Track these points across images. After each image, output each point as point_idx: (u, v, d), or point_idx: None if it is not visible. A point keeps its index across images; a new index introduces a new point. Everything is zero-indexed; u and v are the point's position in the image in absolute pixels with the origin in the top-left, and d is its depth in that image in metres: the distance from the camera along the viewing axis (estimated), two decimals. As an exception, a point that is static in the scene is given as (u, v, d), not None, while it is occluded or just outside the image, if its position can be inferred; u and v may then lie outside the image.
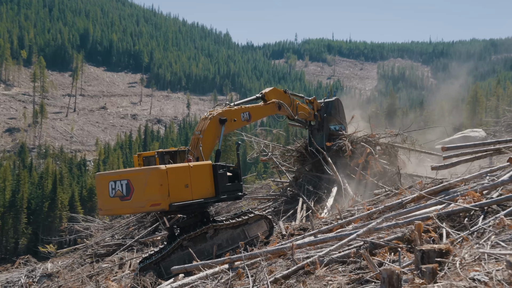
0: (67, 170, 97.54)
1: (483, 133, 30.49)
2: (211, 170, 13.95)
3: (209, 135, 14.94)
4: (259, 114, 17.52)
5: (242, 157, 69.98)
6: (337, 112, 21.02)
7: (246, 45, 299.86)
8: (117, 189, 13.48)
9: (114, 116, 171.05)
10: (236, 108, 16.20)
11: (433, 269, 6.73)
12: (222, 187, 14.04)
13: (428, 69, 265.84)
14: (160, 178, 12.99)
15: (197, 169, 13.67)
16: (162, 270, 13.55)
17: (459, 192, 10.54)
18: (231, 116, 15.78)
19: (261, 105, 17.69)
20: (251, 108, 16.84)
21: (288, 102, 18.70)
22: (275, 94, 18.44)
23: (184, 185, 13.32)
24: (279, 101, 18.15)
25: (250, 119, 16.62)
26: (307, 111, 19.98)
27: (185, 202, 13.42)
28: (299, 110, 19.35)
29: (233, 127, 16.34)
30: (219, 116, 15.28)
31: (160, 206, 13.18)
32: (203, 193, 13.74)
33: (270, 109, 18.03)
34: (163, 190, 12.95)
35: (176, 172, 13.32)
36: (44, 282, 18.66)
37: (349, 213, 14.09)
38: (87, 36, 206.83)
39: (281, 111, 18.41)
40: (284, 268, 9.52)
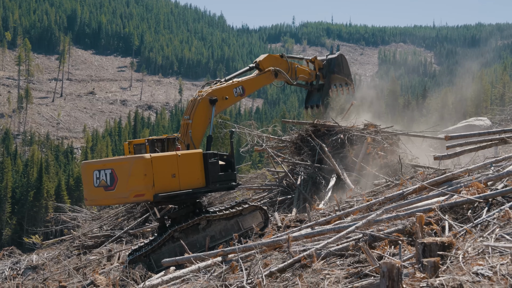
0: (53, 158, 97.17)
1: (488, 122, 30.42)
2: (202, 159, 13.69)
3: (199, 119, 14.62)
4: (254, 86, 17.08)
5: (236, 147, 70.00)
6: (340, 69, 20.19)
7: (241, 28, 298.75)
8: (101, 178, 13.30)
9: (102, 102, 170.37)
10: (227, 85, 15.75)
11: (435, 263, 6.64)
12: (213, 177, 13.79)
13: (431, 54, 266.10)
14: (144, 168, 12.76)
15: (185, 158, 13.42)
16: (153, 262, 13.40)
17: (462, 183, 10.45)
18: (222, 94, 15.36)
19: (255, 75, 17.12)
20: (245, 81, 16.36)
21: (285, 67, 18.00)
22: (270, 61, 17.72)
23: (171, 174, 13.10)
24: (275, 68, 17.47)
25: (244, 93, 16.22)
26: (307, 73, 19.28)
27: (171, 193, 13.18)
28: (298, 74, 18.71)
29: (226, 105, 15.88)
30: (208, 97, 14.91)
31: (144, 197, 13.00)
32: (192, 183, 13.50)
33: (265, 79, 17.43)
34: (147, 180, 12.74)
35: (162, 161, 13.07)
36: (29, 274, 18.42)
37: (347, 205, 14.03)
38: (74, 18, 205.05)
39: (279, 77, 17.77)
40: (280, 261, 9.45)
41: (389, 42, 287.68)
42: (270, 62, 17.59)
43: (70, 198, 76.08)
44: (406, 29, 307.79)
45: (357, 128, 20.43)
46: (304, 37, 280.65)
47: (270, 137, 22.55)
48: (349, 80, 20.43)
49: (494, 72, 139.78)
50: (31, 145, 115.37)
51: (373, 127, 20.52)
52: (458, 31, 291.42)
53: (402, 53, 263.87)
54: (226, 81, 16.00)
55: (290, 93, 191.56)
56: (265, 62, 17.43)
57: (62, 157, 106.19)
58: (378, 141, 19.77)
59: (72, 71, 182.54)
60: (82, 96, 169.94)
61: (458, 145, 14.27)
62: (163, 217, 14.92)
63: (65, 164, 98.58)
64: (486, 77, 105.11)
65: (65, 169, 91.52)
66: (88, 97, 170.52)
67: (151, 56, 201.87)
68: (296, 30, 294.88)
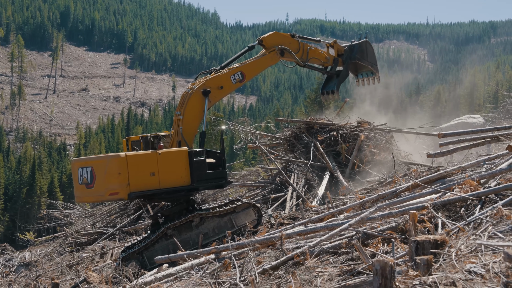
0: (46, 154, 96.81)
1: (481, 120, 30.40)
2: (187, 157, 13.50)
3: (190, 114, 14.24)
4: (256, 69, 16.15)
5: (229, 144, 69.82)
6: (364, 55, 18.65)
7: (234, 25, 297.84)
8: (84, 176, 13.39)
9: (96, 99, 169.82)
10: (222, 73, 15.00)
11: (427, 260, 6.65)
12: (199, 175, 13.58)
13: (424, 52, 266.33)
14: (118, 166, 12.79)
15: (167, 156, 13.29)
16: (146, 260, 13.37)
17: (455, 181, 10.46)
18: (216, 83, 14.71)
19: (257, 58, 16.19)
20: (244, 66, 15.52)
21: (295, 47, 16.72)
22: (277, 38, 16.52)
23: (150, 173, 13.01)
24: (280, 47, 16.27)
25: (244, 78, 15.39)
26: (322, 56, 17.80)
27: (149, 191, 13.16)
28: (311, 55, 17.29)
29: (221, 95, 15.18)
30: (201, 89, 14.38)
31: (118, 195, 13.08)
32: (175, 181, 13.37)
33: (269, 59, 16.29)
34: (122, 179, 12.74)
35: (139, 159, 13.05)
36: (21, 271, 18.33)
37: (341, 202, 14.01)
38: (67, 14, 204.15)
39: (286, 57, 16.57)
40: (273, 258, 9.40)
41: (383, 39, 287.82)
42: (276, 40, 16.47)
43: (63, 195, 75.85)
44: (400, 27, 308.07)
45: (351, 125, 20.41)
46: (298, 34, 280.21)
47: (263, 134, 22.51)
48: (374, 69, 19.02)
49: (487, 69, 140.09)
50: (24, 141, 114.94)
51: (366, 125, 20.50)
52: (452, 29, 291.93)
53: (396, 50, 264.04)
54: (221, 69, 15.27)
55: (283, 90, 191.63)
56: (270, 40, 16.34)
57: (55, 154, 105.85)
58: (371, 138, 19.77)
59: (65, 68, 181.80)
60: (75, 93, 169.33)
61: (451, 142, 14.30)
62: (156, 214, 14.88)
63: (58, 161, 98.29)
64: (479, 74, 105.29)
65: (58, 166, 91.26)
66: (81, 94, 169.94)
67: (144, 53, 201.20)
68: (290, 27, 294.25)
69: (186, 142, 14.02)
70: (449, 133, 14.59)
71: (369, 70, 19.00)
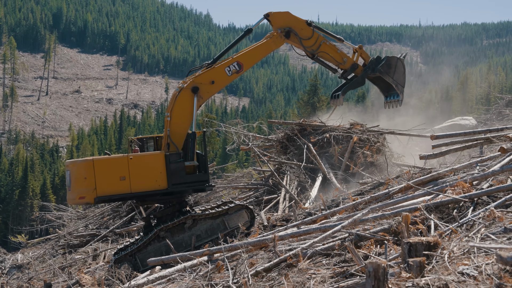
0: (38, 156, 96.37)
1: (473, 121, 30.53)
2: (163, 160, 13.42)
3: (178, 114, 13.92)
4: (256, 55, 15.30)
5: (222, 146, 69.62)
6: (390, 72, 16.49)
7: (227, 26, 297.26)
8: (67, 179, 13.66)
9: (88, 100, 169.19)
10: (214, 67, 14.41)
11: (420, 262, 6.63)
12: (177, 179, 13.49)
13: (417, 54, 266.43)
14: (84, 171, 12.93)
15: (139, 161, 13.27)
16: (138, 262, 13.35)
17: (448, 183, 10.48)
18: (207, 78, 14.22)
19: (258, 44, 15.29)
20: (241, 55, 14.83)
21: (306, 35, 15.39)
22: (287, 19, 15.25)
23: (119, 177, 13.01)
24: (285, 28, 15.04)
25: (241, 68, 14.71)
26: (338, 56, 16.03)
27: (117, 195, 13.17)
28: (323, 49, 15.68)
29: (214, 90, 14.58)
30: (189, 87, 14.03)
31: (84, 199, 13.25)
32: (148, 185, 13.36)
33: (271, 43, 15.19)
34: (88, 183, 12.88)
35: (107, 164, 13.09)
36: (14, 273, 18.30)
37: (333, 204, 13.96)
38: (60, 16, 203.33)
39: (292, 40, 15.29)
40: (266, 260, 9.39)
41: (375, 41, 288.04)
42: (285, 21, 15.26)
43: (56, 197, 75.51)
44: (392, 29, 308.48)
45: (343, 127, 20.44)
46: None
47: (256, 136, 22.51)
48: (398, 89, 16.60)
49: (480, 71, 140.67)
50: (16, 143, 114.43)
51: (359, 126, 20.54)
52: (444, 31, 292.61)
53: (388, 52, 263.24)
54: (214, 62, 14.65)
55: (276, 92, 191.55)
56: (278, 18, 15.20)
57: (47, 155, 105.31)
58: (364, 140, 19.81)
59: (57, 70, 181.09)
60: (67, 95, 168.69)
61: (443, 144, 14.33)
62: (149, 216, 14.85)
63: (50, 163, 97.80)
64: (472, 76, 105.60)
65: (51, 168, 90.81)
66: (73, 96, 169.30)
67: (137, 55, 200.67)
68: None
69: (174, 144, 13.80)
70: (441, 135, 14.63)
71: (391, 88, 16.88)
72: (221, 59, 14.94)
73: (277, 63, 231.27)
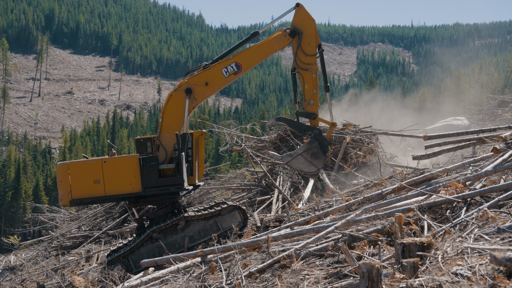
0: (31, 158, 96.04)
1: (466, 122, 30.61)
2: (137, 163, 13.35)
3: (170, 115, 13.74)
4: (257, 56, 14.32)
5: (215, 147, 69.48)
6: (313, 148, 14.55)
7: (220, 27, 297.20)
8: None
9: (81, 102, 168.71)
10: (210, 68, 13.85)
11: (414, 263, 6.58)
12: (150, 182, 13.39)
13: (409, 54, 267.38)
14: (61, 174, 13.15)
15: (113, 164, 13.30)
16: (131, 263, 13.32)
17: (441, 183, 10.47)
18: (201, 80, 13.74)
19: (259, 43, 14.48)
20: (240, 55, 14.13)
21: (308, 52, 14.16)
22: (306, 23, 14.14)
23: (94, 180, 13.12)
24: (296, 28, 14.05)
25: (240, 69, 13.94)
26: (309, 94, 14.34)
27: (92, 198, 13.33)
28: (305, 74, 14.24)
29: (209, 92, 13.97)
30: (183, 88, 13.71)
31: (62, 201, 13.33)
32: (123, 189, 13.37)
33: (274, 42, 14.28)
34: (63, 186, 13.09)
35: (82, 167, 13.22)
36: (6, 275, 18.22)
37: (326, 205, 13.91)
38: (52, 17, 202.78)
39: (294, 43, 14.11)
40: (259, 261, 9.38)
41: (368, 42, 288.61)
42: (304, 23, 14.24)
43: (48, 198, 75.23)
44: (385, 29, 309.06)
45: (336, 128, 20.42)
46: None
47: (249, 137, 22.49)
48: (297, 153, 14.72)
49: (472, 72, 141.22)
50: (8, 145, 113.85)
51: (351, 127, 20.56)
52: (436, 31, 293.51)
53: (381, 52, 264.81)
54: (213, 63, 14.07)
55: (269, 92, 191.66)
56: (302, 15, 14.24)
57: (40, 157, 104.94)
58: (356, 140, 19.84)
59: (50, 71, 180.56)
60: (60, 96, 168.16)
61: (436, 144, 14.33)
62: (141, 218, 14.79)
63: (43, 164, 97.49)
64: (464, 77, 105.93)
65: (43, 169, 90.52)
66: (66, 97, 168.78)
67: (129, 56, 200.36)
68: (275, 30, 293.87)
69: (163, 147, 13.70)
70: (434, 135, 14.61)
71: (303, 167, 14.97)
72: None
73: (270, 64, 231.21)
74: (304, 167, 14.49)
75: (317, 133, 14.33)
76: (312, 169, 14.59)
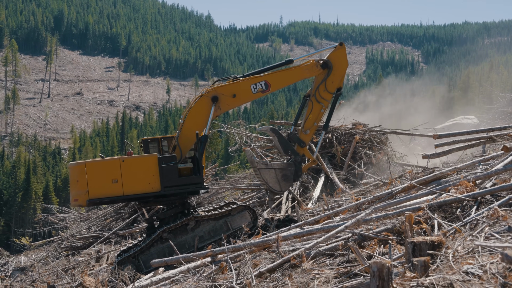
0: (41, 159, 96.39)
1: (476, 120, 30.43)
2: (156, 163, 13.42)
3: (192, 119, 14.00)
4: (286, 79, 14.83)
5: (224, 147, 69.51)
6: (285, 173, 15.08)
7: (228, 28, 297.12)
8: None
9: (90, 102, 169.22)
10: (241, 81, 14.29)
11: (425, 262, 6.59)
12: (169, 181, 13.47)
13: (418, 53, 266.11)
14: (77, 174, 13.07)
15: (132, 163, 13.31)
16: (141, 263, 13.34)
17: (451, 182, 10.45)
18: (229, 91, 14.16)
19: (291, 68, 14.90)
20: (271, 75, 14.49)
21: (330, 89, 14.89)
22: (341, 62, 14.85)
23: (111, 180, 13.08)
24: (328, 63, 14.57)
25: (268, 88, 14.37)
26: (309, 124, 15.16)
27: (110, 198, 13.27)
28: (316, 106, 14.98)
29: (235, 104, 14.42)
30: (210, 95, 14.03)
31: (78, 202, 13.30)
32: (141, 188, 13.38)
33: (305, 70, 14.74)
34: (80, 186, 13.01)
35: (99, 167, 13.18)
36: (17, 276, 18.28)
37: (336, 204, 13.92)
38: (61, 18, 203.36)
39: (324, 72, 14.60)
40: (269, 261, 9.38)
41: (377, 41, 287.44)
42: (339, 62, 14.94)
43: (58, 199, 75.50)
44: (394, 28, 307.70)
45: (345, 127, 20.39)
46: (292, 37, 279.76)
47: (258, 136, 22.48)
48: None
49: (482, 70, 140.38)
50: (18, 146, 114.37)
51: (361, 127, 20.50)
52: (445, 30, 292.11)
53: (390, 52, 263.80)
54: (244, 77, 14.53)
55: (278, 92, 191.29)
56: (340, 54, 14.92)
57: (49, 158, 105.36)
58: (366, 140, 19.78)
59: (59, 72, 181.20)
60: (69, 97, 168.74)
61: (446, 143, 14.28)
62: (151, 218, 14.83)
63: (52, 165, 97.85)
64: (474, 75, 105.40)
65: (53, 170, 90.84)
66: (75, 98, 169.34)
67: (138, 56, 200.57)
68: (284, 30, 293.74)
69: (179, 148, 13.84)
70: (444, 134, 14.57)
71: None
72: None
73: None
74: (270, 181, 14.85)
75: (298, 160, 14.88)
76: (276, 188, 14.99)
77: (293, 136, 15.12)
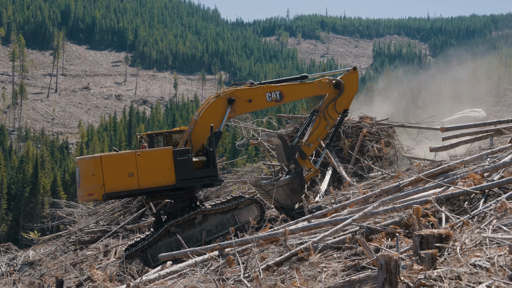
0: (48, 153, 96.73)
1: (483, 113, 30.34)
2: (171, 156, 13.42)
3: (206, 118, 14.19)
4: (299, 93, 15.48)
5: (231, 141, 69.57)
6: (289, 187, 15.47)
7: (235, 21, 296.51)
8: (77, 175, 13.68)
9: (97, 97, 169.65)
10: (258, 87, 14.76)
11: (432, 254, 6.59)
12: (184, 174, 13.49)
13: (426, 46, 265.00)
14: (93, 168, 12.97)
15: (147, 157, 13.28)
16: (149, 257, 13.38)
17: (458, 175, 10.43)
18: (246, 95, 14.55)
19: (306, 83, 15.55)
20: (286, 86, 15.02)
21: (338, 109, 15.42)
22: (353, 85, 15.43)
23: (127, 173, 13.04)
24: (340, 83, 15.18)
25: (281, 99, 14.85)
26: (313, 138, 15.62)
27: (126, 192, 13.23)
28: (323, 122, 15.49)
29: (249, 109, 14.92)
30: (227, 96, 14.35)
31: (93, 196, 13.24)
32: (157, 182, 13.36)
33: (318, 87, 15.29)
34: (96, 180, 12.89)
35: (115, 161, 13.12)
36: (25, 270, 18.35)
37: (344, 197, 13.93)
38: (68, 13, 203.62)
39: (335, 90, 15.18)
40: (277, 254, 9.41)
41: (384, 34, 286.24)
42: (351, 85, 15.45)
43: (66, 194, 75.78)
44: (401, 21, 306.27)
45: (353, 121, 20.36)
46: (299, 30, 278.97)
47: (265, 130, 22.46)
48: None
49: (489, 63, 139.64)
50: (26, 141, 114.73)
51: (368, 120, 20.44)
52: (453, 23, 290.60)
53: (397, 45, 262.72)
54: (260, 85, 15.00)
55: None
56: (353, 77, 15.56)
57: (57, 152, 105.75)
58: (373, 133, 19.72)
59: (66, 67, 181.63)
60: (76, 91, 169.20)
61: (453, 136, 14.25)
62: (159, 212, 14.87)
63: (60, 159, 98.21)
64: (481, 68, 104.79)
65: (61, 165, 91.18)
66: (82, 92, 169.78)
67: (145, 51, 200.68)
68: (291, 23, 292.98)
69: (191, 143, 13.94)
70: (451, 127, 14.54)
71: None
72: None
73: (286, 57, 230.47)
74: (282, 199, 15.29)
75: (299, 171, 15.33)
76: (288, 203, 15.39)
77: (297, 148, 15.55)
